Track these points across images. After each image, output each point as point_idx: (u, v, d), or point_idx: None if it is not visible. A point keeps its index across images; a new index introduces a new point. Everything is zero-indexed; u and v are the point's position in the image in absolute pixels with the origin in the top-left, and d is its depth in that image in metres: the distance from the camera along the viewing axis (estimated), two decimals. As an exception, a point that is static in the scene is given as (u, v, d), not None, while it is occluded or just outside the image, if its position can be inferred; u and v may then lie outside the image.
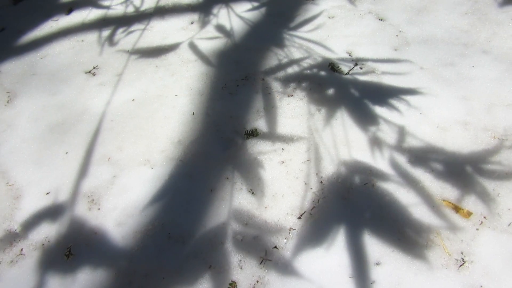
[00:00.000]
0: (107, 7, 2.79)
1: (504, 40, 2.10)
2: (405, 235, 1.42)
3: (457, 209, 1.46)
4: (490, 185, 1.53)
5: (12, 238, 1.54)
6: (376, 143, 1.71)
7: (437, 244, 1.39)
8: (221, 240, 1.47)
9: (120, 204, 1.61)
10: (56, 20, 2.69)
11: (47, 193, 1.67)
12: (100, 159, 1.78)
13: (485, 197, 1.50)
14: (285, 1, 2.69)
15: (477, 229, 1.42)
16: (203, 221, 1.53)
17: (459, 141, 1.69)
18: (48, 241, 1.52)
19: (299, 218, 1.50)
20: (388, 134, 1.74)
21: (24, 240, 1.53)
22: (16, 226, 1.57)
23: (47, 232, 1.55)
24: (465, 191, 1.52)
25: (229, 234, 1.48)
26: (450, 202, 1.49)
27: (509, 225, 1.42)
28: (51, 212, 1.61)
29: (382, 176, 1.59)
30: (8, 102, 2.09)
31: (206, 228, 1.50)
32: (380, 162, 1.65)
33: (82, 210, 1.60)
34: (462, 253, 1.37)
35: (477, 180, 1.55)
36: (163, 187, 1.65)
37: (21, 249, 1.51)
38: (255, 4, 2.68)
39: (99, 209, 1.60)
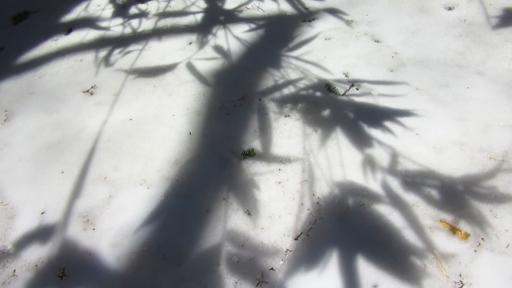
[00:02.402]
0: (106, 28, 2.82)
1: (498, 62, 2.13)
2: (402, 257, 1.41)
3: (454, 230, 1.46)
4: (487, 206, 1.53)
5: (5, 258, 1.52)
6: (372, 164, 1.72)
7: (435, 266, 1.38)
8: (217, 261, 1.45)
9: (115, 224, 1.59)
10: (56, 40, 2.71)
11: (42, 212, 1.66)
12: (96, 178, 1.77)
13: (483, 218, 1.50)
14: (282, 22, 2.73)
15: (475, 250, 1.41)
16: (199, 242, 1.51)
17: (455, 162, 1.69)
18: (42, 262, 1.50)
19: (296, 239, 1.49)
20: (384, 155, 1.75)
21: (17, 261, 1.51)
22: (9, 246, 1.56)
23: (41, 252, 1.53)
24: (462, 212, 1.52)
25: (225, 256, 1.47)
26: (447, 223, 1.48)
27: (507, 246, 1.41)
28: (45, 232, 1.59)
29: (379, 197, 1.59)
30: (5, 120, 2.09)
31: (202, 249, 1.49)
32: (376, 183, 1.64)
33: (77, 230, 1.59)
34: (460, 275, 1.36)
35: (474, 201, 1.55)
36: (159, 207, 1.64)
37: (14, 270, 1.48)
38: (252, 25, 2.71)
39: (94, 229, 1.58)
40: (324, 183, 1.66)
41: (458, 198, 1.57)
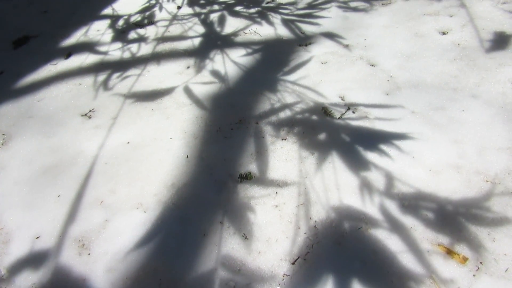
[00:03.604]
0: (105, 53, 2.86)
1: (492, 85, 2.15)
2: (400, 281, 1.40)
3: (452, 254, 1.45)
4: (485, 229, 1.53)
5: (-2, 284, 1.51)
6: (369, 187, 1.72)
7: (433, 291, 1.37)
8: (213, 286, 1.43)
9: (111, 248, 1.58)
10: (55, 64, 2.74)
11: (37, 237, 1.64)
12: (93, 202, 1.76)
13: (480, 242, 1.49)
14: (278, 47, 2.77)
15: (473, 275, 1.40)
16: (195, 266, 1.50)
17: (452, 184, 1.69)
18: (36, 288, 1.48)
19: (293, 263, 1.48)
20: (380, 178, 1.75)
21: (10, 287, 1.49)
22: (3, 272, 1.54)
23: (35, 278, 1.51)
24: (460, 235, 1.51)
25: (221, 280, 1.45)
26: (445, 247, 1.47)
27: (506, 270, 1.40)
28: (40, 257, 1.57)
29: (376, 221, 1.58)
30: (2, 144, 2.09)
31: (198, 274, 1.47)
32: (373, 206, 1.64)
33: (72, 255, 1.57)
34: (459, 300, 1.34)
35: (472, 225, 1.55)
36: (155, 231, 1.63)
37: (7, 296, 1.47)
38: (250, 50, 2.75)
39: (89, 254, 1.57)
40: (321, 207, 1.66)
41: (455, 221, 1.56)
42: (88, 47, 2.94)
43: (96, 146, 2.04)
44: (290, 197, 1.71)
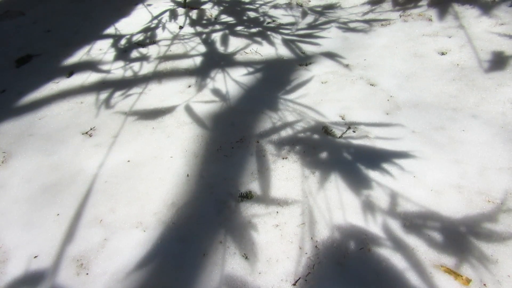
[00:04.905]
0: (107, 71, 2.88)
1: (492, 105, 2.16)
2: (403, 303, 1.38)
3: (455, 275, 1.43)
4: (487, 250, 1.51)
5: (-6, 305, 1.48)
6: (370, 207, 1.71)
7: (437, 313, 1.35)
8: (213, 308, 1.42)
9: (110, 268, 1.56)
10: (57, 83, 2.76)
11: (35, 256, 1.63)
12: (92, 221, 1.75)
13: (484, 263, 1.47)
14: (279, 66, 2.79)
15: (477, 297, 1.38)
16: (195, 287, 1.48)
17: (453, 204, 1.69)
18: (32, 309, 1.46)
19: (294, 284, 1.46)
20: (382, 198, 1.74)
21: (7, 307, 1.47)
22: (0, 292, 1.52)
23: (32, 298, 1.49)
24: (463, 256, 1.50)
25: (221, 302, 1.43)
26: (448, 268, 1.46)
27: (509, 292, 1.38)
28: (38, 277, 1.55)
29: (378, 241, 1.57)
30: (2, 162, 2.09)
31: (197, 295, 1.46)
32: (375, 226, 1.63)
33: (70, 274, 1.55)
34: (463, 323, 1.32)
35: (474, 245, 1.53)
36: (154, 251, 1.61)
37: (3, 317, 1.44)
38: (250, 69, 2.78)
39: (87, 274, 1.55)
40: (322, 226, 1.65)
41: (458, 242, 1.55)
42: (90, 66, 2.97)
43: (96, 165, 2.04)
44: (291, 216, 1.70)
